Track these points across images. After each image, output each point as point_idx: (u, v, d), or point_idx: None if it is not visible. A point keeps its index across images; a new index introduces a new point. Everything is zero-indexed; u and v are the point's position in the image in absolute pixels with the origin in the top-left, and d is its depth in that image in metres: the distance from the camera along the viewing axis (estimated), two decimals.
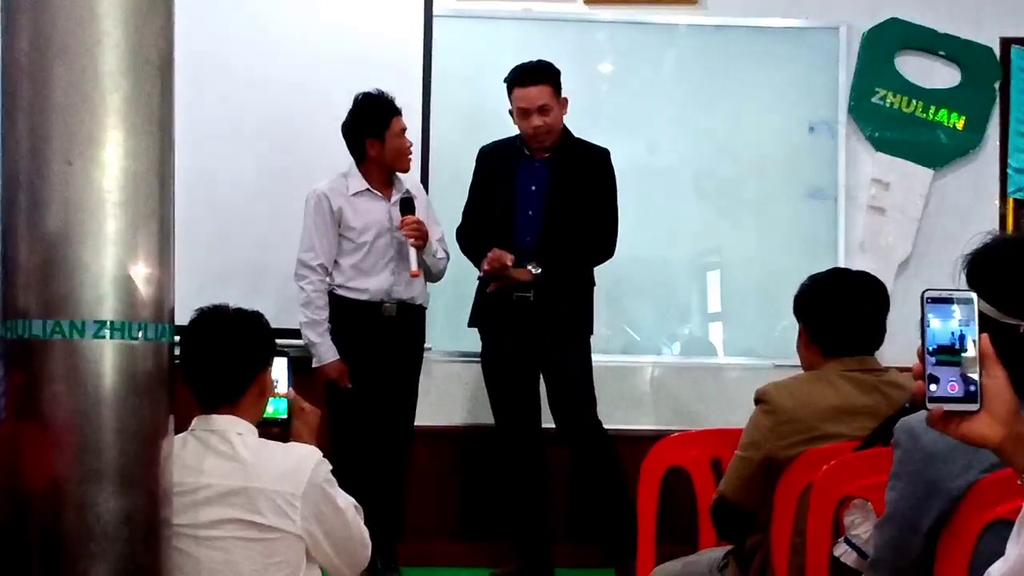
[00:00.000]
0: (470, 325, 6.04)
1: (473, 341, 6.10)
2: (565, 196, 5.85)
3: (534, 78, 5.80)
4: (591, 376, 5.93)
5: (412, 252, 5.69)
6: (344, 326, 5.80)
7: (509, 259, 5.78)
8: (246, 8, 6.47)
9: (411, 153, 5.91)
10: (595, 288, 6.02)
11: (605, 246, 5.92)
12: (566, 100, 5.87)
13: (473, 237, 5.97)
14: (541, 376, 5.97)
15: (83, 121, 2.86)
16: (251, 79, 6.40)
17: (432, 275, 5.97)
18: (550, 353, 5.88)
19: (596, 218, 5.87)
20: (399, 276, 5.81)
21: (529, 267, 5.78)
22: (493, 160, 6.01)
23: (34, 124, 2.86)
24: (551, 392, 5.95)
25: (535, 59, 5.89)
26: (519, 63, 5.88)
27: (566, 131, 5.91)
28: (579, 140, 5.95)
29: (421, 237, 5.71)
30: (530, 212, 5.88)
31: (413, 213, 5.74)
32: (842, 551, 3.15)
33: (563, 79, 5.88)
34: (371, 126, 5.78)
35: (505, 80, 5.87)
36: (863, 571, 2.99)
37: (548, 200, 5.86)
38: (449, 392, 6.58)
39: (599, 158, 5.92)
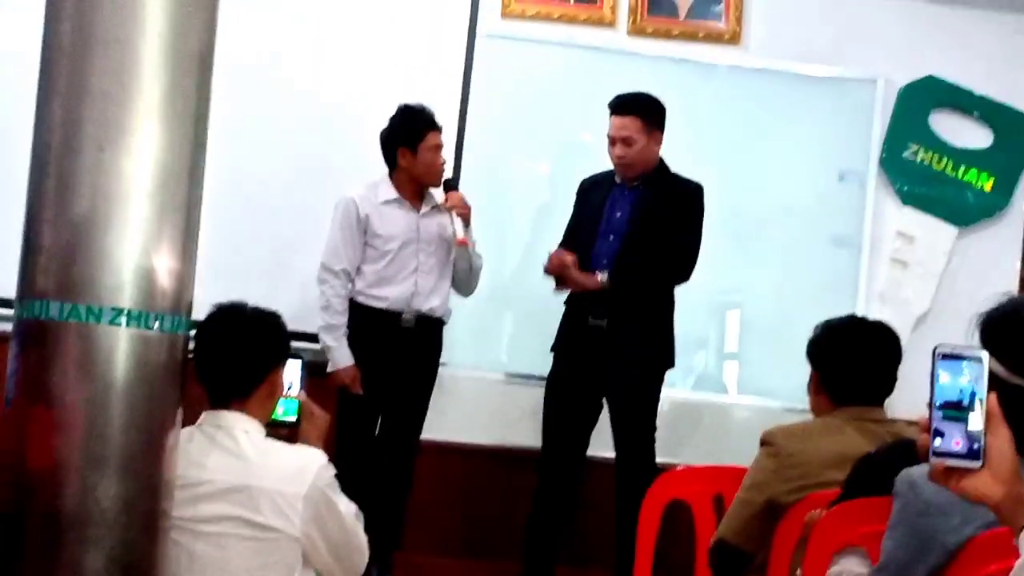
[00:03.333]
0: (552, 350, 5.95)
1: (489, 357, 6.06)
2: (647, 223, 5.81)
3: (623, 108, 5.81)
4: (654, 414, 5.80)
5: (458, 222, 5.76)
6: (362, 333, 5.79)
7: (570, 258, 5.77)
8: (289, 11, 6.48)
9: (442, 171, 5.91)
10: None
11: (679, 269, 5.84)
12: (659, 135, 5.85)
13: None
14: (605, 403, 5.84)
15: (118, 109, 2.88)
16: (290, 82, 6.40)
17: (467, 280, 5.99)
18: (617, 385, 5.77)
19: (674, 244, 5.80)
20: (420, 287, 5.82)
21: (597, 272, 5.76)
22: (589, 189, 6.01)
23: (69, 108, 2.88)
24: (613, 422, 5.81)
25: (634, 92, 5.87)
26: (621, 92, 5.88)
27: (661, 164, 5.90)
28: (673, 174, 5.91)
29: (466, 208, 5.78)
30: (611, 237, 5.86)
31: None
32: None
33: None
34: (406, 136, 5.81)
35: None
36: None
37: (630, 226, 5.84)
38: (460, 408, 6.54)
39: (689, 191, 5.88)
